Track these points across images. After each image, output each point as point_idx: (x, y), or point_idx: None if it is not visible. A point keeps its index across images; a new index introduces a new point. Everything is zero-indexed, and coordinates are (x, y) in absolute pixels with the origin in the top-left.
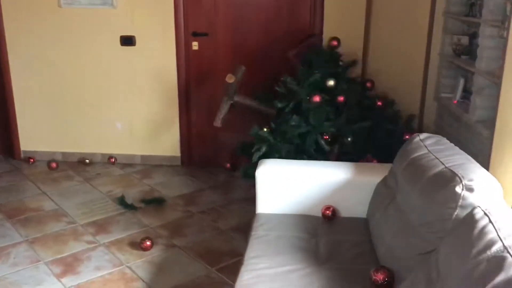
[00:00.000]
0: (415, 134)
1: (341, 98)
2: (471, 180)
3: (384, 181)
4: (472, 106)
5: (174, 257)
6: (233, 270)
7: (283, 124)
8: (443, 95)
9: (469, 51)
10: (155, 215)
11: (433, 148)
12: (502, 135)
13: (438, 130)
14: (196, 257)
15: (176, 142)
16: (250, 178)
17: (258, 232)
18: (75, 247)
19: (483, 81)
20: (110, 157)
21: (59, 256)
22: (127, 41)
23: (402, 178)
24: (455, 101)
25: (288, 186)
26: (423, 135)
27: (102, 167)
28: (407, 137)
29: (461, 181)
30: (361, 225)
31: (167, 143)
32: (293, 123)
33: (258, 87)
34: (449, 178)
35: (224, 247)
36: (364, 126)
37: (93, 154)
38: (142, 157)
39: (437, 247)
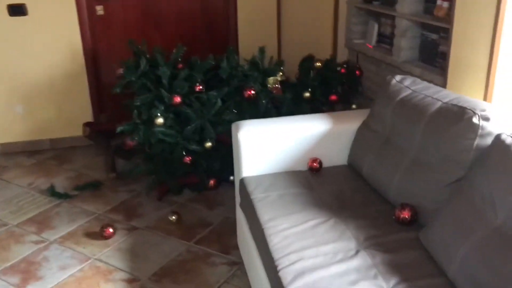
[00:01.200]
0: (389, 77)
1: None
2: (483, 110)
3: (365, 127)
4: (396, 48)
5: (143, 239)
6: (212, 239)
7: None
8: (355, 41)
9: None
10: (97, 200)
11: (416, 88)
12: (456, 68)
13: None
14: (166, 235)
15: (88, 120)
16: None
17: (257, 195)
18: (22, 250)
19: (406, 24)
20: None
21: (8, 265)
22: (17, 10)
23: (396, 119)
24: (371, 46)
25: (269, 145)
26: (398, 77)
27: (3, 159)
28: None
29: (475, 113)
30: (348, 172)
31: (78, 122)
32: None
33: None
34: (459, 112)
35: (190, 220)
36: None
37: None
38: (51, 141)
39: (462, 176)
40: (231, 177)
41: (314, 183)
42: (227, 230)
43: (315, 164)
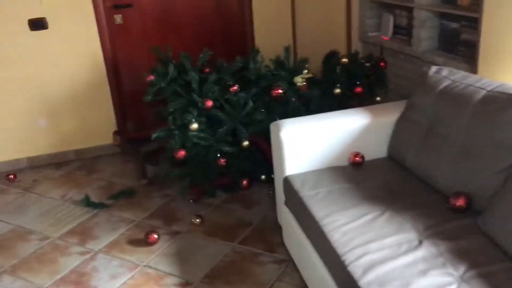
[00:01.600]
0: (425, 68)
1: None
2: None
3: (405, 118)
4: (415, 39)
5: (186, 243)
6: (256, 239)
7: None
8: (370, 34)
9: None
10: (133, 208)
11: (455, 77)
12: (487, 55)
13: None
14: (209, 237)
15: (111, 129)
16: None
17: (306, 193)
18: (69, 262)
19: (426, 14)
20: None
21: (59, 277)
22: (38, 24)
23: (439, 109)
24: (387, 38)
25: (310, 142)
26: (434, 68)
27: (32, 172)
28: None
29: None
30: (391, 164)
31: (102, 131)
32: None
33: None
34: (507, 99)
35: (229, 221)
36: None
37: (18, 161)
38: (76, 151)
39: None
40: (262, 176)
41: (359, 177)
42: (269, 229)
43: (357, 158)
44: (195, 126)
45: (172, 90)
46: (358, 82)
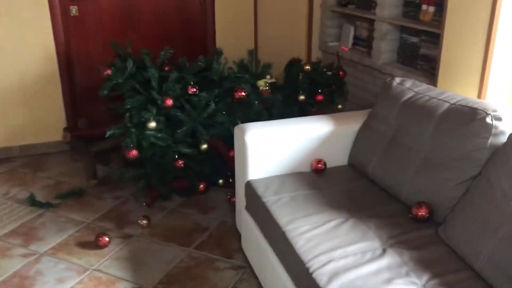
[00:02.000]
0: (389, 79)
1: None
2: (495, 111)
3: (367, 127)
4: (375, 51)
5: (140, 246)
6: (212, 244)
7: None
8: (330, 44)
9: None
10: (83, 209)
11: (418, 89)
12: (447, 70)
13: None
14: (164, 242)
15: (61, 125)
16: None
17: (269, 198)
18: (11, 265)
19: (387, 27)
20: None
21: None
22: None
23: (402, 120)
24: (346, 49)
25: (273, 147)
26: (398, 79)
27: None
28: None
29: (487, 113)
30: (352, 171)
31: (51, 127)
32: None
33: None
34: (470, 112)
35: (185, 225)
36: None
37: None
38: (22, 148)
39: (476, 174)
40: (220, 181)
41: (322, 183)
42: (226, 234)
43: (320, 165)
44: (153, 124)
45: (130, 87)
46: (320, 90)
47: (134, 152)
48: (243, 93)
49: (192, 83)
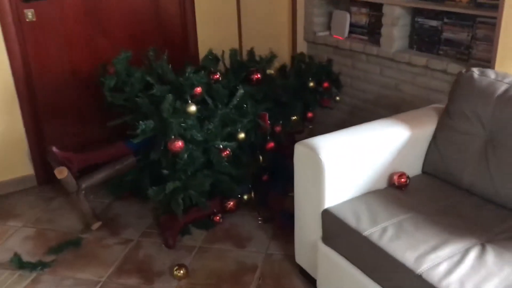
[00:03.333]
0: (465, 71)
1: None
2: None
3: (447, 129)
4: (386, 38)
5: None
6: (271, 286)
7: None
8: (320, 34)
9: None
10: (88, 263)
11: (509, 80)
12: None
13: None
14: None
15: (24, 156)
16: None
17: (370, 230)
18: None
19: (399, 12)
20: None
21: None
22: None
23: (504, 118)
24: (342, 38)
25: (350, 163)
26: (477, 70)
27: None
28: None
29: None
30: (435, 182)
31: (11, 160)
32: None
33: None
34: None
35: (227, 266)
36: None
37: None
38: None
39: None
40: (245, 196)
41: (414, 202)
42: (282, 271)
43: (403, 179)
44: (193, 108)
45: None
46: (324, 78)
47: (180, 143)
48: (259, 75)
49: (212, 69)
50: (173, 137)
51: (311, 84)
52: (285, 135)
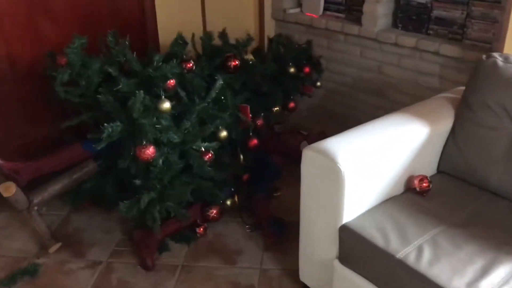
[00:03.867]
0: (485, 57)
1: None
2: None
3: (468, 123)
4: (369, 16)
5: None
6: None
7: None
8: (290, 11)
9: None
10: None
11: None
12: None
13: None
14: None
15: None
16: None
17: (402, 251)
18: None
19: None
20: None
21: None
22: None
23: None
24: (316, 15)
25: (368, 170)
26: (498, 56)
27: None
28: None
29: None
30: (456, 184)
31: None
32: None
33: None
34: None
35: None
36: None
37: None
38: None
39: None
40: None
41: (442, 211)
42: None
43: (424, 184)
44: (167, 105)
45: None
46: (304, 62)
47: (150, 150)
48: (237, 62)
49: (184, 56)
50: (144, 142)
51: (292, 69)
52: (267, 128)
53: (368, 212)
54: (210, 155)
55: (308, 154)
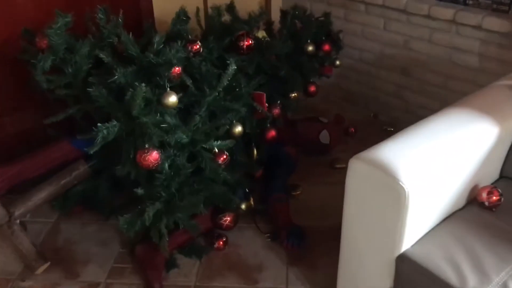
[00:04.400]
0: None
1: None
2: None
3: None
4: None
5: None
6: None
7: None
8: None
9: None
10: None
11: None
12: None
13: None
14: None
15: None
16: None
17: None
18: None
19: None
20: None
21: None
22: None
23: None
24: None
25: (432, 186)
26: None
27: None
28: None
29: None
30: None
31: None
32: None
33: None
34: None
35: None
36: None
37: None
38: None
39: None
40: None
41: None
42: None
43: (494, 197)
44: (173, 99)
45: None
46: (323, 38)
47: (154, 155)
48: (250, 41)
49: (190, 37)
50: (146, 146)
51: (310, 48)
52: (284, 118)
53: (431, 235)
54: (225, 156)
55: (358, 167)
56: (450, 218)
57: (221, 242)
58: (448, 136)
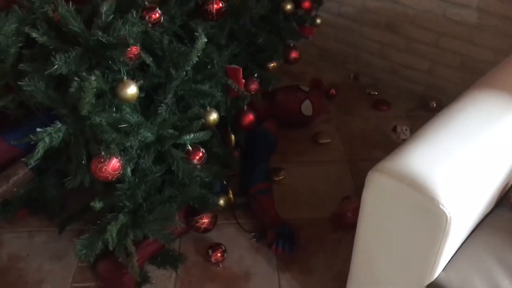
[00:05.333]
0: None
1: None
2: None
3: None
4: None
5: None
6: None
7: None
8: None
9: None
10: None
11: None
12: None
13: None
14: None
15: None
16: None
17: None
18: None
19: None
20: None
21: None
22: None
23: None
24: None
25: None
26: None
27: None
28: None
29: None
30: None
31: None
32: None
33: None
34: None
35: None
36: None
37: None
38: None
39: None
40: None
41: None
42: None
43: None
44: (133, 90)
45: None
46: None
47: (114, 165)
48: (220, 4)
49: (146, 3)
50: (102, 153)
51: (288, 6)
52: (262, 92)
53: (462, 252)
54: (201, 154)
55: (381, 181)
56: (481, 227)
57: (218, 254)
58: (484, 135)
